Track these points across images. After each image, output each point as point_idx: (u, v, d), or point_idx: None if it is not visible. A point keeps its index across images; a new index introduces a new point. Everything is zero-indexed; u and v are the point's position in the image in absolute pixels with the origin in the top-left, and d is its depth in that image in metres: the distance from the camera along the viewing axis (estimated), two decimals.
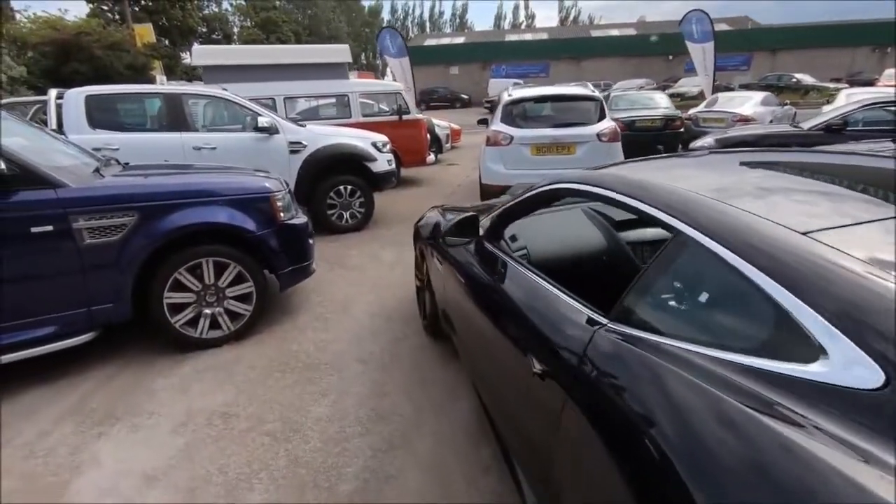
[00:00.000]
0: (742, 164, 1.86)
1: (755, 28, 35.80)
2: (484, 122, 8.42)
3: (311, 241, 3.74)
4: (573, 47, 35.67)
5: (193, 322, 3.21)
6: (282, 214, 3.43)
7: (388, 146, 6.42)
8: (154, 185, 3.17)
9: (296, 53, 8.14)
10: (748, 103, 11.49)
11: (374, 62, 62.58)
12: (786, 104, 13.19)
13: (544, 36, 39.37)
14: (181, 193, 3.12)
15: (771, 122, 11.24)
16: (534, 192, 2.09)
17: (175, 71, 31.47)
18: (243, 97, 5.65)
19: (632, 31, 37.34)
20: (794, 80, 24.79)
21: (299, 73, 7.89)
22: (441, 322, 2.97)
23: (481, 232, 2.38)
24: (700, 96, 22.82)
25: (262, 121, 5.35)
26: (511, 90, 6.39)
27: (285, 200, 3.51)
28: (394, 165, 6.50)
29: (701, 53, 14.22)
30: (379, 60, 63.87)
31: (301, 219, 3.64)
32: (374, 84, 9.70)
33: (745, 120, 10.86)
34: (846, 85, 25.29)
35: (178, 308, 3.16)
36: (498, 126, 5.99)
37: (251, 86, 7.41)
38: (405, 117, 8.58)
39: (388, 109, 9.24)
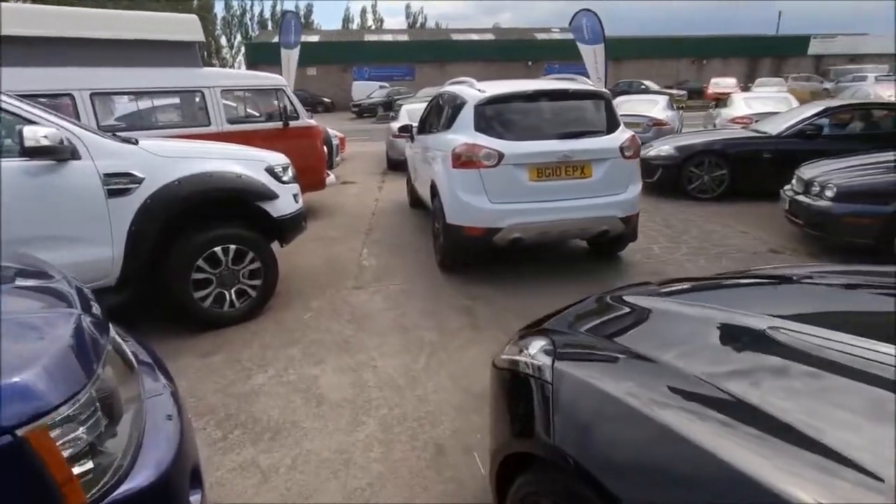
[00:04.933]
0: None
1: None
2: (406, 130, 6.27)
3: None
4: (437, 51, 34.63)
5: None
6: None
7: (291, 171, 3.94)
8: None
9: (112, 22, 5.06)
10: (656, 107, 11.03)
11: (212, 62, 55.24)
12: (681, 109, 13.16)
13: (405, 38, 37.82)
14: None
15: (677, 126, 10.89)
16: None
17: None
18: (8, 91, 2.76)
19: (490, 37, 37.62)
20: (644, 86, 26.58)
21: (119, 56, 4.91)
22: None
23: None
24: None
25: (35, 134, 2.54)
26: (478, 85, 4.33)
27: (83, 437, 1.00)
28: (301, 201, 4.03)
29: (592, 55, 13.63)
30: (216, 61, 56.70)
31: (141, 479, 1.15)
32: (244, 76, 6.85)
33: (660, 124, 10.32)
34: (683, 92, 27.97)
35: None
36: (472, 137, 3.89)
37: (27, 73, 4.31)
38: (293, 124, 6.02)
39: (259, 114, 6.60)
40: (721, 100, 17.68)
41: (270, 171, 3.67)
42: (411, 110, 10.32)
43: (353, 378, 2.83)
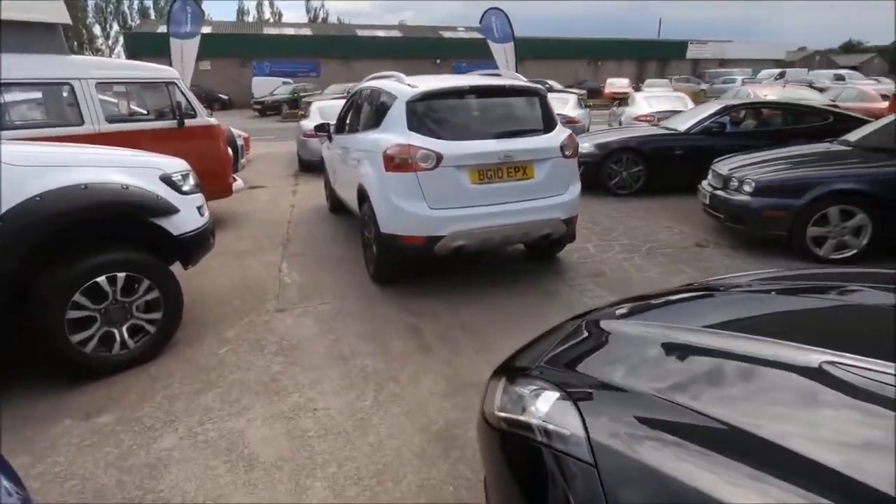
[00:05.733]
0: None
1: None
2: (323, 129, 5.76)
3: None
4: (343, 47, 33.47)
5: None
6: None
7: (193, 178, 3.32)
8: None
9: None
10: (567, 106, 11.30)
11: (84, 53, 49.14)
12: (588, 107, 13.66)
13: (308, 32, 36.14)
14: None
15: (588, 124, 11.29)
16: None
17: None
18: None
19: (397, 34, 37.10)
20: (549, 85, 27.58)
21: None
22: None
23: None
24: None
25: None
26: (408, 80, 3.95)
27: None
28: (207, 214, 3.42)
29: (503, 54, 13.80)
30: (90, 52, 50.56)
31: None
32: (126, 67, 5.83)
33: (572, 121, 10.59)
34: (583, 91, 29.46)
35: None
36: (406, 137, 3.52)
37: None
38: (190, 123, 5.26)
39: (147, 112, 5.75)
40: (619, 99, 18.78)
41: (167, 179, 3.05)
42: (323, 108, 9.72)
43: (288, 428, 2.36)
